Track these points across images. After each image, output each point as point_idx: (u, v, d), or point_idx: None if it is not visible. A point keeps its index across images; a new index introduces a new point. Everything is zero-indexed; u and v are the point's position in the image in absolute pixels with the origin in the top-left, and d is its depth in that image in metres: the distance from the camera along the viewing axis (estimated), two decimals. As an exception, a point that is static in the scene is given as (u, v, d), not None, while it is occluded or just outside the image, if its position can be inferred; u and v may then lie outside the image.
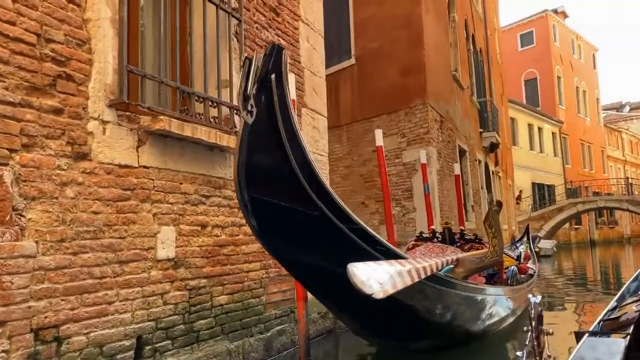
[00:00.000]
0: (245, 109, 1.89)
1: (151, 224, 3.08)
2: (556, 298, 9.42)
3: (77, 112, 2.66)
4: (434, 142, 9.97)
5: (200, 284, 3.46)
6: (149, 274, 3.04)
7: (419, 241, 6.05)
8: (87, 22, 2.75)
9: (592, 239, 32.04)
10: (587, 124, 36.56)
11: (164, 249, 3.16)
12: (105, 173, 2.79)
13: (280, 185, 2.19)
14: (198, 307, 3.44)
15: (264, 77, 1.98)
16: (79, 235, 2.60)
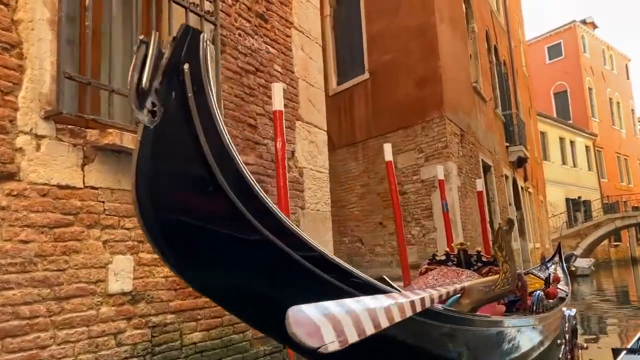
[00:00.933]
0: (141, 107, 1.44)
1: (101, 253, 2.69)
2: (595, 318, 9.14)
3: (2, 126, 2.30)
4: (453, 157, 9.41)
5: (166, 320, 3.04)
6: (97, 311, 2.63)
7: (432, 264, 5.49)
8: (17, 23, 2.41)
9: (633, 256, 30.45)
10: (623, 136, 35.09)
11: (118, 281, 2.76)
12: (38, 195, 2.41)
13: (202, 206, 1.71)
14: (164, 347, 3.00)
15: (174, 66, 1.53)
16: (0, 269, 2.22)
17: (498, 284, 2.92)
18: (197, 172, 1.62)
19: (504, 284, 2.90)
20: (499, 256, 2.98)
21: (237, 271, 1.84)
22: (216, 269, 1.81)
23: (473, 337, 3.04)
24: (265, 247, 1.78)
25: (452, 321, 2.75)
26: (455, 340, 2.90)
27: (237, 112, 3.91)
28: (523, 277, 5.10)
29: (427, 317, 2.54)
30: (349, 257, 10.97)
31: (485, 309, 4.16)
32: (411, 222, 9.66)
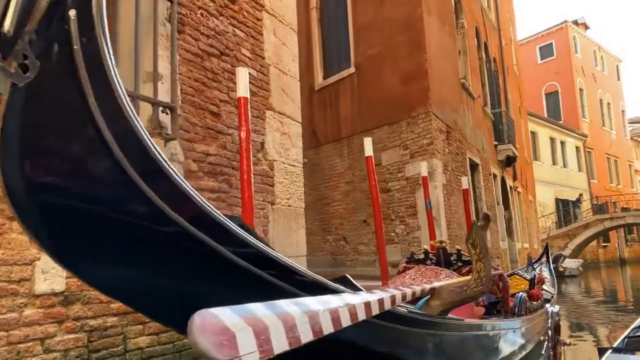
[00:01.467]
0: (4, 57, 1.12)
1: (26, 249, 2.39)
2: (582, 318, 9.17)
3: None
4: (439, 154, 9.16)
5: (106, 323, 2.75)
6: (20, 314, 2.34)
7: (410, 263, 5.25)
8: None
9: (621, 257, 30.44)
10: (613, 137, 35.09)
11: (47, 280, 2.46)
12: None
13: (92, 184, 1.39)
14: (103, 352, 2.72)
15: (56, 10, 1.20)
16: None
17: (471, 285, 2.67)
18: (85, 143, 1.30)
19: (477, 285, 2.65)
20: (473, 254, 2.72)
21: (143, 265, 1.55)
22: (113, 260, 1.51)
23: (443, 341, 2.78)
24: (179, 238, 1.49)
25: (418, 325, 2.49)
26: (422, 345, 2.63)
27: (197, 98, 3.62)
28: (505, 278, 4.86)
29: (388, 320, 2.27)
30: (332, 255, 10.71)
31: (463, 310, 3.91)
32: (395, 220, 9.41)
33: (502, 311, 4.71)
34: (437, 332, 2.67)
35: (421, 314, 2.51)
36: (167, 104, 3.18)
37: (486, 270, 2.65)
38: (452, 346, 2.91)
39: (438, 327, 2.65)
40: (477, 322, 3.37)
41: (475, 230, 2.71)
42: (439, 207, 8.82)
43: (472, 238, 2.72)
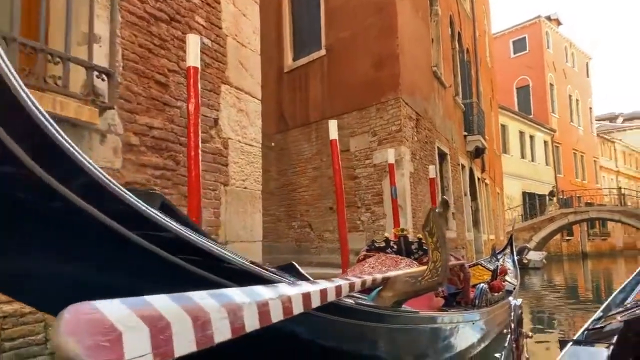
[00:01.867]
0: None
1: None
2: (544, 310, 9.27)
3: None
4: (407, 141, 9.01)
5: (23, 309, 2.46)
6: None
7: (370, 251, 5.07)
8: None
9: (583, 251, 31.22)
10: (580, 133, 35.80)
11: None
12: None
13: None
14: (19, 341, 2.43)
15: None
16: None
17: (426, 275, 2.48)
18: None
19: (433, 276, 2.46)
20: (429, 242, 2.54)
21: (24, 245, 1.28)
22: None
23: (395, 335, 2.59)
24: (66, 213, 1.23)
25: (366, 318, 2.29)
26: (372, 339, 2.44)
27: (142, 66, 3.31)
28: (466, 269, 4.73)
29: (333, 312, 2.05)
30: (297, 242, 10.50)
31: (421, 301, 3.74)
32: (361, 208, 9.25)
33: (462, 302, 4.58)
34: (388, 325, 2.48)
35: (370, 306, 2.31)
36: (103, 69, 2.87)
37: (443, 260, 2.46)
38: (406, 340, 2.74)
39: (389, 320, 2.45)
40: (433, 314, 3.20)
41: (433, 217, 2.52)
42: (405, 195, 8.69)
43: (429, 226, 2.53)
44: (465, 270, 4.55)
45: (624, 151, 42.42)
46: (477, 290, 4.68)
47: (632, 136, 44.23)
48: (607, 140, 40.75)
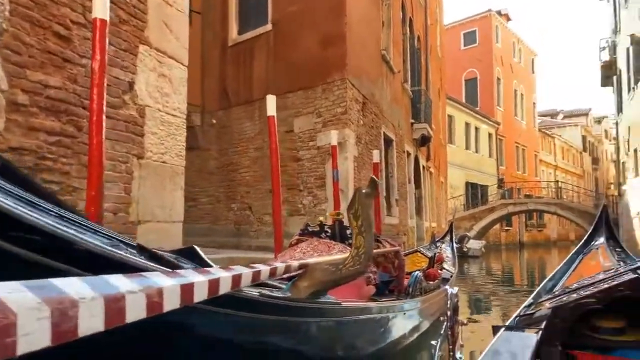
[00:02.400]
0: None
1: None
2: (481, 297, 9.45)
3: None
4: (352, 124, 8.77)
5: None
6: None
7: (304, 235, 4.79)
8: None
9: (521, 241, 32.42)
10: (523, 127, 36.95)
11: None
12: None
13: None
14: None
15: None
16: None
17: (347, 263, 2.22)
18: None
19: (355, 263, 2.20)
20: (354, 226, 2.27)
21: None
22: None
23: (312, 329, 2.31)
24: None
25: (273, 311, 1.99)
26: (283, 335, 2.15)
27: (37, 13, 2.84)
28: (400, 255, 4.53)
29: (229, 306, 1.75)
30: (236, 225, 10.12)
31: (349, 290, 3.49)
32: (303, 191, 8.97)
33: (396, 291, 4.39)
34: (303, 319, 2.19)
35: (278, 298, 2.01)
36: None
37: (366, 246, 2.20)
38: (325, 334, 2.46)
39: (303, 313, 2.17)
40: (359, 305, 2.94)
41: (359, 198, 2.24)
42: (348, 179, 8.47)
43: (355, 207, 2.25)
44: (400, 257, 4.35)
45: (563, 146, 44.24)
46: (411, 278, 4.50)
47: (571, 132, 46.22)
48: (548, 136, 42.33)
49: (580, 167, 46.84)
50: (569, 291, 2.67)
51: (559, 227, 38.89)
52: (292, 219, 9.08)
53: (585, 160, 48.15)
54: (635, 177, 15.50)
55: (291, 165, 9.20)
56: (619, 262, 3.69)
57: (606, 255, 4.13)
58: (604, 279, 2.47)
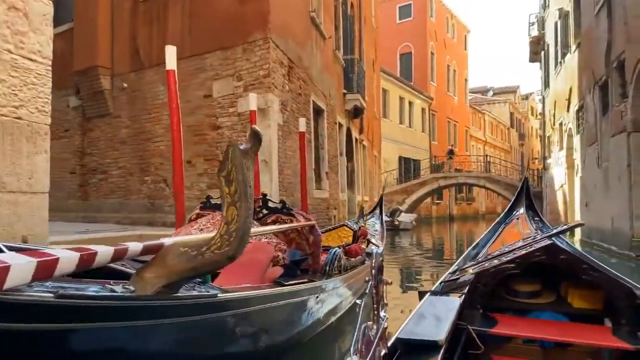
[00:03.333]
0: None
1: None
2: (412, 268, 9.54)
3: None
4: (276, 89, 8.08)
5: None
6: None
7: (205, 209, 4.14)
8: None
9: (451, 214, 33.24)
10: (455, 102, 37.56)
11: None
12: None
13: None
14: None
15: None
16: None
17: (213, 244, 1.60)
18: None
19: (223, 244, 1.58)
20: (225, 193, 1.65)
21: None
22: None
23: (167, 332, 1.71)
24: None
25: (95, 316, 1.36)
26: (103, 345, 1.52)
27: None
28: (316, 230, 3.96)
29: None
30: (150, 199, 9.24)
31: (245, 272, 2.89)
32: (223, 162, 8.23)
33: (311, 270, 3.86)
34: (149, 322, 1.57)
35: (107, 298, 1.37)
36: None
37: (240, 221, 1.58)
38: (179, 337, 1.84)
39: (149, 314, 1.55)
40: (243, 295, 2.31)
41: (234, 156, 1.62)
42: (272, 149, 7.82)
43: (227, 168, 1.63)
44: (315, 233, 3.78)
45: (492, 122, 45.60)
46: (328, 255, 3.96)
47: (500, 109, 47.71)
48: (478, 112, 43.41)
49: (507, 143, 48.60)
50: (490, 257, 2.79)
51: (487, 200, 40.29)
52: (212, 192, 8.34)
53: (512, 136, 50.01)
54: (560, 150, 15.89)
55: (210, 134, 8.41)
56: (536, 231, 3.82)
57: (526, 224, 4.28)
58: (523, 245, 2.61)
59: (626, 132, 9.04)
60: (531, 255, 2.33)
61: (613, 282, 2.20)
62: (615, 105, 9.75)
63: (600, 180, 10.99)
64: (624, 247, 9.29)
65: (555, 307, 2.46)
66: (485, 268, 2.48)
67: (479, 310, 2.38)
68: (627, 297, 2.15)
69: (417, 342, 1.70)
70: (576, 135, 13.63)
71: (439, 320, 1.94)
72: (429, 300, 2.27)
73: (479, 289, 2.42)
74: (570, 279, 2.47)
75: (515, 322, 2.31)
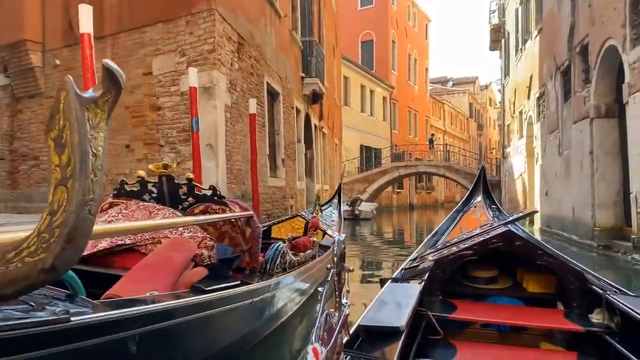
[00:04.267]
0: None
1: None
2: (373, 256, 9.49)
3: None
4: (223, 66, 7.38)
5: None
6: None
7: (119, 197, 3.46)
8: None
9: (411, 203, 33.22)
10: (415, 92, 37.43)
11: None
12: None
13: None
14: None
15: None
16: None
17: (24, 248, 0.99)
18: None
19: (38, 249, 0.98)
20: (54, 165, 1.03)
21: None
22: None
23: None
24: None
25: None
26: None
27: None
28: (255, 222, 3.36)
29: None
30: (85, 187, 8.38)
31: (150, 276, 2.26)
32: (165, 147, 7.49)
33: (248, 269, 3.26)
34: None
35: None
36: None
37: (70, 210, 0.98)
38: None
39: None
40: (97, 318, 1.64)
41: (66, 106, 1.00)
42: (218, 132, 7.13)
43: (57, 125, 1.01)
44: (253, 225, 3.18)
45: (452, 112, 45.87)
46: (269, 251, 3.37)
47: (459, 99, 48.06)
48: (438, 101, 43.53)
49: (466, 133, 49.08)
50: (449, 245, 2.83)
51: (446, 189, 40.56)
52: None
53: (471, 126, 50.53)
54: (520, 138, 15.76)
55: (150, 115, 7.64)
56: (493, 218, 3.89)
57: (483, 212, 4.40)
58: (480, 233, 2.66)
59: (589, 118, 8.79)
60: (488, 242, 2.35)
61: (565, 267, 2.26)
62: (577, 91, 9.51)
63: (561, 168, 10.80)
64: (585, 237, 9.09)
65: (511, 292, 2.52)
66: (444, 255, 2.50)
67: (438, 296, 2.40)
68: (578, 281, 2.22)
69: (379, 329, 1.71)
70: (537, 122, 13.46)
71: (399, 306, 1.93)
72: (389, 288, 2.29)
73: (438, 275, 2.43)
74: (525, 265, 2.52)
75: (473, 308, 2.35)
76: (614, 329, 2.03)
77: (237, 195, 7.74)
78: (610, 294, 2.12)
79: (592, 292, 2.21)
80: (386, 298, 2.08)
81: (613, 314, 2.06)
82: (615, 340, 1.97)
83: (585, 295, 2.22)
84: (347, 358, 1.29)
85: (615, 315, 2.04)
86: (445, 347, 2.07)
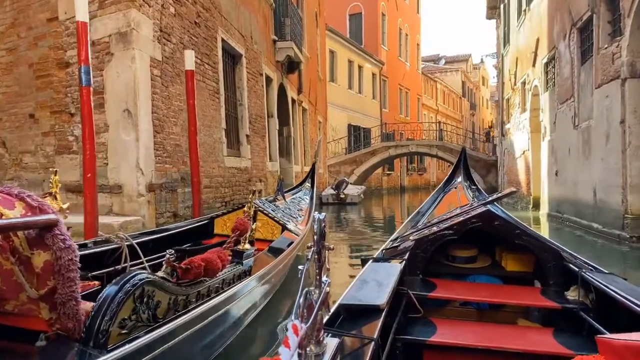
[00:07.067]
0: None
1: None
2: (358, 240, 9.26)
3: None
4: (148, 6, 5.57)
5: None
6: None
7: None
8: None
9: (402, 185, 31.62)
10: (407, 69, 35.54)
11: None
12: None
13: None
14: None
15: None
16: None
17: None
18: None
19: None
20: None
21: None
22: None
23: None
24: None
25: None
26: None
27: None
28: (61, 236, 1.63)
29: None
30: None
31: None
32: (76, 115, 5.69)
33: (50, 335, 1.55)
34: None
35: None
36: None
37: None
38: None
39: None
40: None
41: None
42: (139, 93, 5.32)
43: None
44: (57, 244, 1.46)
45: (444, 91, 44.06)
46: (109, 288, 1.65)
47: (452, 77, 46.26)
48: (430, 79, 41.67)
49: (459, 112, 47.38)
50: (429, 225, 2.92)
51: (438, 171, 38.95)
52: (61, 158, 5.82)
53: (464, 105, 48.82)
54: (523, 113, 14.05)
55: (57, 74, 5.82)
56: (473, 199, 3.98)
57: (463, 193, 4.45)
58: (460, 213, 2.77)
59: (619, 79, 7.07)
60: (468, 221, 2.37)
61: (543, 245, 2.31)
62: (603, 48, 7.78)
63: (578, 144, 9.11)
64: (611, 226, 7.44)
65: (490, 270, 2.60)
66: (425, 235, 2.53)
67: (419, 275, 2.46)
68: (555, 259, 2.28)
69: (359, 307, 1.71)
70: (544, 93, 11.74)
71: (380, 285, 1.93)
72: (371, 267, 2.28)
73: (419, 255, 2.47)
74: (504, 244, 2.59)
75: (452, 286, 2.39)
76: (589, 305, 2.06)
77: (173, 179, 5.98)
78: (585, 272, 2.13)
79: (568, 270, 2.24)
80: (367, 277, 2.05)
81: (588, 291, 2.08)
82: (589, 316, 1.99)
83: (562, 273, 2.27)
84: (327, 335, 1.15)
85: (590, 292, 2.06)
86: (425, 324, 2.05)
